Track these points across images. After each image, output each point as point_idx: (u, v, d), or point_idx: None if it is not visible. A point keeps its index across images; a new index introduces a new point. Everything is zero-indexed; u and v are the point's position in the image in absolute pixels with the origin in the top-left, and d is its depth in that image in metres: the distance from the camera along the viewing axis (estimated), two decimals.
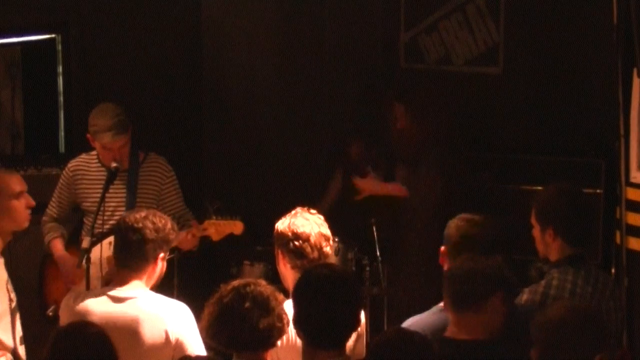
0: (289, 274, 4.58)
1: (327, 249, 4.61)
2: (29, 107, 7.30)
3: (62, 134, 7.40)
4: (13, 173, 5.30)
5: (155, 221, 4.47)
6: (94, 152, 6.07)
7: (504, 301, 4.11)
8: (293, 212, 4.70)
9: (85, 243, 5.33)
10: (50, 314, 5.85)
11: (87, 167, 6.06)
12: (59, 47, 7.30)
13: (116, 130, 5.84)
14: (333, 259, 4.73)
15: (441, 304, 4.29)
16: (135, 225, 4.44)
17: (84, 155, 6.13)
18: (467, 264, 4.16)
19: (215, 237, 5.83)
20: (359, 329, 4.49)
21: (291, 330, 4.12)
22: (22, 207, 5.03)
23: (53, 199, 6.16)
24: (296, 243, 4.53)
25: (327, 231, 4.63)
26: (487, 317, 4.07)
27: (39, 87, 7.36)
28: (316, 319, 3.81)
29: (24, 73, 7.27)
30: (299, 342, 4.26)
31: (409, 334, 3.67)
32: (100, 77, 7.35)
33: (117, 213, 5.83)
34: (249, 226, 6.50)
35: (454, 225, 4.58)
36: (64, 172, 6.14)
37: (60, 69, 7.33)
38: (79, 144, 7.23)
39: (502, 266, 4.15)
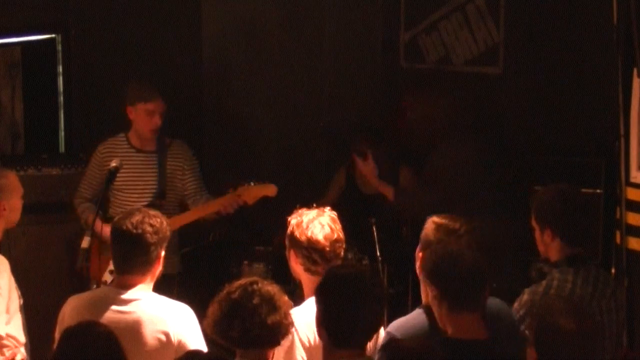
0: (302, 275, 4.58)
1: (341, 252, 4.63)
2: (29, 107, 7.31)
3: (62, 134, 7.40)
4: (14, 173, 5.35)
5: (152, 222, 4.45)
6: (121, 135, 6.38)
7: (487, 295, 4.06)
8: (307, 212, 4.64)
9: (85, 243, 5.34)
10: (95, 287, 5.84)
11: (116, 147, 6.36)
12: (59, 47, 7.31)
13: (160, 95, 6.32)
14: None
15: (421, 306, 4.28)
16: (135, 231, 4.41)
17: (111, 139, 6.42)
18: (452, 258, 4.06)
19: (250, 201, 6.15)
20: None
21: None
22: (20, 207, 5.13)
23: (84, 181, 6.42)
24: (312, 252, 4.52)
25: (341, 234, 4.62)
26: (479, 314, 4.02)
27: (39, 87, 7.36)
28: (340, 318, 3.80)
29: (24, 73, 7.28)
30: None
31: (414, 342, 3.62)
32: (100, 77, 7.36)
33: (147, 192, 6.27)
34: (249, 227, 6.51)
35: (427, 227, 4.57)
36: (94, 154, 6.40)
37: (60, 69, 7.34)
38: (79, 144, 7.24)
39: (481, 258, 4.07)
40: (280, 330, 3.93)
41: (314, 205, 4.78)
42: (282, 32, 7.67)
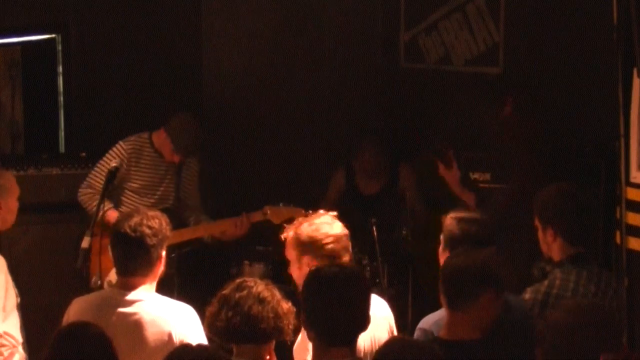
0: None
1: (351, 249, 4.66)
2: (29, 107, 7.31)
3: (62, 134, 7.41)
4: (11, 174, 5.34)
5: (151, 224, 4.45)
6: (145, 136, 6.50)
7: (495, 298, 4.06)
8: (305, 220, 4.64)
9: (85, 243, 5.33)
10: (96, 285, 5.78)
11: (141, 150, 6.47)
12: (59, 47, 7.31)
13: (189, 154, 6.50)
14: None
15: None
16: (134, 234, 4.42)
17: (135, 138, 6.50)
18: (457, 260, 4.10)
19: (276, 220, 6.08)
20: (393, 326, 4.53)
21: None
22: (16, 209, 5.11)
23: (97, 173, 6.41)
24: (331, 246, 4.51)
25: (346, 230, 4.65)
26: (476, 315, 4.02)
27: (39, 87, 7.36)
28: (327, 316, 3.80)
29: (24, 73, 7.28)
30: None
31: (414, 343, 3.62)
32: (100, 77, 7.36)
33: (164, 199, 6.45)
34: (250, 227, 6.50)
35: (449, 223, 4.57)
36: (117, 149, 6.42)
37: (60, 69, 7.34)
38: (79, 144, 7.24)
39: (492, 261, 4.08)
40: (266, 323, 3.96)
41: (310, 212, 4.81)
42: (282, 33, 7.67)
